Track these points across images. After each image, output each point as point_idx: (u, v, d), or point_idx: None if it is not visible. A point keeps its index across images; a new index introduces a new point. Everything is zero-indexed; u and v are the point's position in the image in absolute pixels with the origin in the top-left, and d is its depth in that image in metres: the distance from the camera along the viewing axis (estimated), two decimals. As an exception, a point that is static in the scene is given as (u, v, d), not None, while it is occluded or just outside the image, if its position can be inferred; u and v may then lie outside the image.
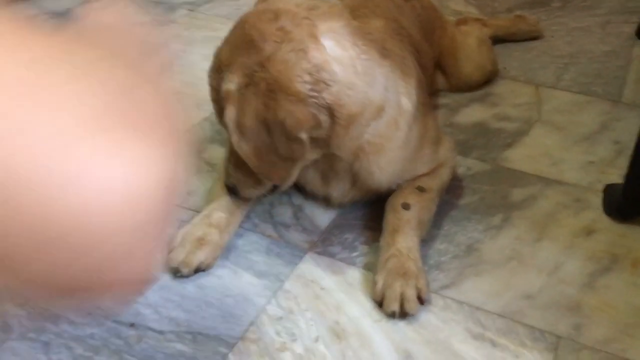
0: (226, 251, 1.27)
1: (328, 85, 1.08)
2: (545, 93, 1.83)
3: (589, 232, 1.33)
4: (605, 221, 1.36)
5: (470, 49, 1.81)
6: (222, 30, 2.15)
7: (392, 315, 1.12)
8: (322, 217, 1.37)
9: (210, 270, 1.22)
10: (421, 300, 1.13)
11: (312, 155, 1.18)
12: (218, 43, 2.07)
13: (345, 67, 1.11)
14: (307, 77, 1.07)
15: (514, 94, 1.83)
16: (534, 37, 2.10)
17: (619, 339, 1.10)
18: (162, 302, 1.16)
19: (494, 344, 1.09)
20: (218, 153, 1.53)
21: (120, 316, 1.13)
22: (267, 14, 1.12)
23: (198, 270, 1.21)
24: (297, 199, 1.40)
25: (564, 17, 2.27)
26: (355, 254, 1.28)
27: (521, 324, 1.13)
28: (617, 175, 1.49)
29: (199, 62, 1.95)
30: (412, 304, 1.12)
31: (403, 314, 1.12)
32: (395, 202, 1.27)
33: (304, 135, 1.09)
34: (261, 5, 1.25)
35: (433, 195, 1.31)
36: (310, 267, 1.24)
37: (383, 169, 1.26)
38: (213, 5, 2.33)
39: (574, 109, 1.76)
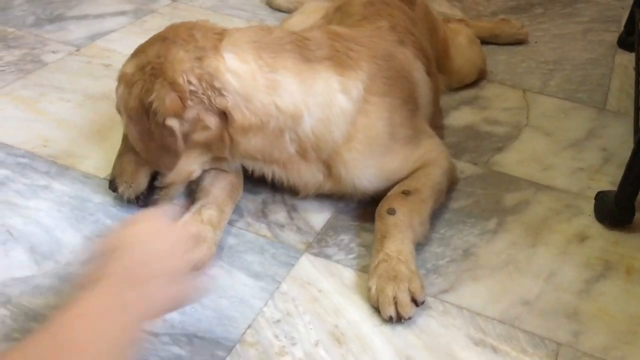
0: (220, 251, 1.23)
1: (221, 94, 1.17)
2: (532, 98, 1.84)
3: (582, 238, 1.34)
4: (597, 227, 1.37)
5: (461, 46, 1.82)
6: (207, 22, 2.11)
7: (389, 320, 1.10)
8: (317, 217, 1.34)
9: (204, 271, 1.18)
10: (416, 303, 1.11)
11: (200, 155, 1.26)
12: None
13: (242, 79, 1.19)
14: (193, 79, 1.15)
15: (502, 97, 1.83)
16: (518, 41, 2.12)
17: (618, 347, 1.10)
18: (155, 303, 1.11)
19: (495, 350, 1.08)
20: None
21: (111, 317, 1.08)
22: (188, 24, 1.24)
23: (194, 269, 1.16)
24: (291, 199, 1.37)
25: (546, 24, 2.30)
26: (351, 256, 1.25)
27: (521, 330, 1.12)
28: (606, 182, 1.50)
29: (185, 54, 1.91)
30: (406, 308, 1.10)
31: (399, 318, 1.10)
32: (381, 208, 1.25)
33: (173, 123, 1.15)
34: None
35: (423, 197, 1.28)
36: (307, 269, 1.21)
37: (349, 168, 1.27)
38: (196, -4, 2.28)
39: (561, 115, 1.77)
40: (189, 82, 1.15)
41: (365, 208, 1.35)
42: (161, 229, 0.90)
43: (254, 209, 1.35)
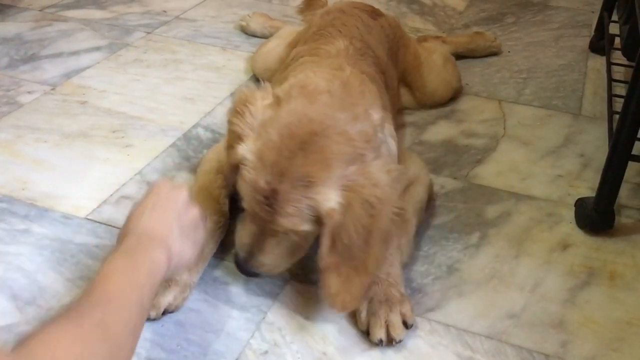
0: (204, 284, 1.22)
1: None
2: (508, 108, 1.86)
3: (564, 246, 1.35)
4: (579, 235, 1.38)
5: (436, 65, 1.82)
6: (182, 53, 2.14)
7: (379, 343, 1.09)
8: (300, 243, 1.33)
9: (189, 306, 1.18)
10: (406, 325, 1.11)
11: None
12: (179, 66, 2.03)
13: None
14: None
15: (478, 109, 1.85)
16: (493, 52, 2.15)
17: (605, 354, 1.11)
18: (141, 343, 1.09)
19: (484, 366, 1.08)
20: (185, 180, 1.49)
21: None
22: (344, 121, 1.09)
23: (166, 312, 1.15)
24: (273, 226, 1.37)
25: (518, 32, 2.33)
26: (336, 280, 1.25)
27: (509, 344, 1.12)
28: (585, 188, 1.52)
29: (161, 86, 1.92)
30: (397, 330, 1.10)
31: (390, 341, 1.09)
32: None
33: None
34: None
35: (408, 216, 1.29)
36: (293, 297, 1.21)
37: None
38: (169, 27, 2.29)
39: (537, 123, 1.79)
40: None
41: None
42: (172, 194, 1.06)
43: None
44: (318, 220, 1.05)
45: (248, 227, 1.14)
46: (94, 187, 1.48)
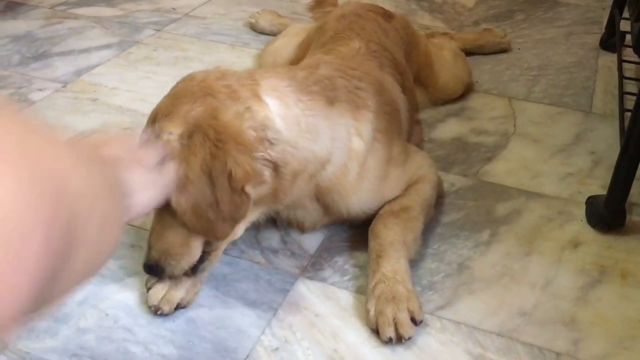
0: (215, 281, 1.23)
1: (272, 143, 1.09)
2: (518, 105, 1.85)
3: (575, 244, 1.34)
4: (590, 233, 1.37)
5: (446, 61, 1.82)
6: (192, 51, 2.14)
7: (389, 342, 1.09)
8: (310, 240, 1.34)
9: (200, 302, 1.18)
10: (415, 322, 1.11)
11: (253, 214, 1.14)
12: (189, 63, 2.04)
13: (289, 125, 1.12)
14: (253, 133, 1.06)
15: (489, 107, 1.84)
16: (502, 49, 2.14)
17: (617, 353, 1.10)
18: (152, 339, 1.11)
19: (494, 364, 1.08)
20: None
21: (109, 356, 1.08)
22: (214, 73, 1.14)
23: (178, 307, 1.15)
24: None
25: (528, 30, 2.32)
26: (346, 277, 1.25)
27: (520, 342, 1.12)
28: (596, 186, 1.51)
29: (171, 84, 1.91)
30: (406, 328, 1.09)
31: (399, 339, 1.09)
32: (375, 228, 1.25)
33: (250, 190, 1.06)
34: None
35: (415, 214, 1.29)
36: (303, 293, 1.21)
37: (348, 204, 1.26)
38: (178, 24, 2.30)
39: (548, 121, 1.78)
40: (252, 138, 1.06)
41: (357, 228, 1.35)
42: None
43: (247, 235, 1.35)
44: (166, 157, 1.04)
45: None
46: (105, 184, 1.48)
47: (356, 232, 1.35)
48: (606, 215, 1.35)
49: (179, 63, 2.04)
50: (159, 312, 1.14)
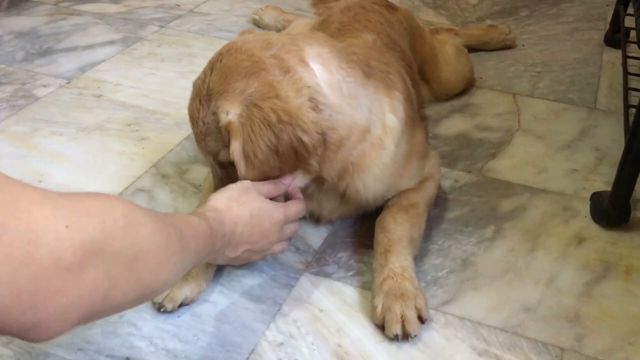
0: (219, 276, 1.23)
1: (321, 109, 1.09)
2: (522, 102, 1.85)
3: (580, 240, 1.34)
4: (594, 229, 1.37)
5: (448, 56, 1.82)
6: (196, 47, 2.14)
7: (394, 338, 1.10)
8: (314, 236, 1.34)
9: (205, 297, 1.18)
10: (422, 320, 1.12)
11: (302, 181, 1.17)
12: (193, 60, 2.04)
13: (333, 90, 1.12)
14: (308, 104, 1.07)
15: (493, 103, 1.84)
16: (507, 46, 2.13)
17: (622, 349, 1.10)
18: (157, 333, 1.11)
19: (499, 359, 1.08)
20: (202, 174, 1.49)
21: (114, 350, 1.08)
22: (258, 42, 1.12)
23: (182, 304, 1.16)
24: (287, 219, 1.37)
25: (532, 26, 2.31)
26: (351, 272, 1.25)
27: (524, 337, 1.12)
28: (601, 182, 1.51)
29: (176, 80, 1.93)
30: (413, 325, 1.10)
31: (405, 336, 1.09)
32: (384, 221, 1.25)
33: (313, 162, 1.11)
34: (245, 36, 1.22)
35: (421, 211, 1.29)
36: (307, 289, 1.21)
37: (369, 187, 1.24)
38: (182, 21, 2.30)
39: (552, 117, 1.78)
40: (308, 110, 1.07)
41: (361, 224, 1.35)
42: (266, 211, 1.08)
43: (252, 231, 1.35)
44: (224, 136, 1.08)
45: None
46: (110, 180, 1.49)
47: (360, 228, 1.35)
48: (611, 211, 1.35)
49: (183, 59, 2.04)
50: (162, 310, 1.14)
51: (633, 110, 1.32)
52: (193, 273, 1.16)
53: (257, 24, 2.25)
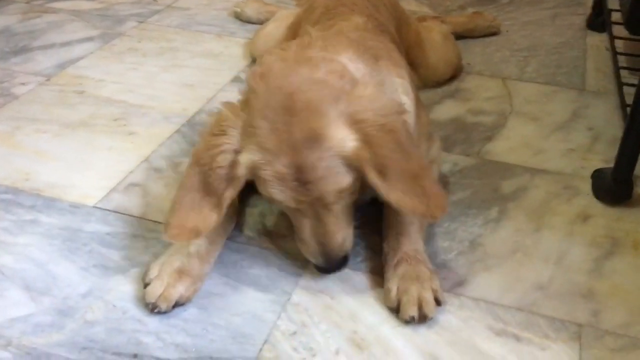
0: (224, 268, 1.19)
1: None
2: (512, 85, 1.84)
3: (584, 218, 1.33)
4: (598, 206, 1.36)
5: (436, 43, 1.80)
6: (178, 41, 2.09)
7: (410, 321, 1.07)
8: (318, 224, 1.30)
9: (211, 290, 1.14)
10: (438, 302, 1.09)
11: None
12: (176, 54, 1.99)
13: (370, 81, 1.11)
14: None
15: (483, 88, 1.83)
16: (492, 32, 2.13)
17: (638, 322, 1.09)
18: (165, 328, 1.07)
19: (517, 338, 1.06)
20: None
21: (120, 347, 1.03)
22: (304, 69, 1.06)
23: (177, 305, 1.10)
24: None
25: (514, 12, 2.31)
26: (359, 259, 1.22)
27: (540, 315, 1.11)
28: (598, 160, 1.51)
29: (160, 74, 1.87)
30: (431, 307, 1.07)
31: (422, 318, 1.07)
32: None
33: None
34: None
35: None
36: (315, 277, 1.18)
37: None
38: (162, 16, 2.24)
39: (543, 99, 1.78)
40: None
41: (364, 210, 1.32)
42: None
43: (253, 222, 1.32)
44: (351, 165, 1.03)
45: (306, 227, 1.10)
46: (100, 176, 1.43)
47: (363, 215, 1.32)
48: (613, 187, 1.34)
49: (165, 53, 1.99)
50: (155, 310, 1.09)
51: (627, 88, 1.31)
52: (187, 269, 1.12)
53: (239, 16, 2.21)
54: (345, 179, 1.04)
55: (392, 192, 1.03)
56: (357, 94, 1.04)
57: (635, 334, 1.07)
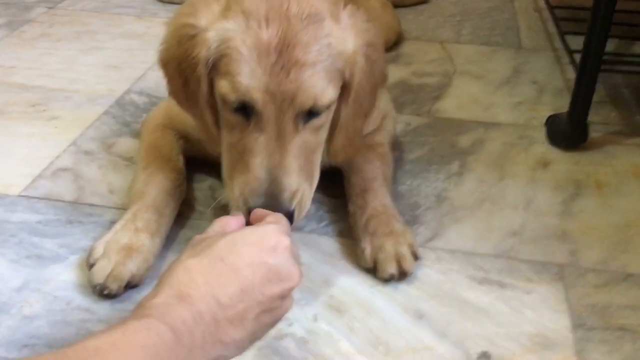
0: (177, 245, 1.07)
1: None
2: (451, 48, 1.82)
3: (544, 164, 1.31)
4: (555, 152, 1.35)
5: (375, 11, 1.74)
6: (94, 24, 1.94)
7: (390, 279, 0.99)
8: (274, 192, 1.21)
9: (164, 267, 1.02)
10: (415, 257, 1.02)
11: None
12: (94, 36, 1.84)
13: None
14: None
15: (423, 51, 1.80)
16: (422, 1, 2.11)
17: (616, 257, 1.07)
18: (117, 314, 0.93)
19: (501, 285, 1.01)
20: (131, 146, 1.32)
21: (68, 341, 0.89)
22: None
23: (129, 285, 0.97)
24: (240, 179, 1.23)
25: (440, -18, 2.30)
26: (323, 223, 1.14)
27: (519, 260, 1.06)
28: (547, 110, 1.49)
29: (79, 57, 1.72)
30: (409, 262, 1.00)
31: (402, 275, 0.99)
32: (354, 162, 1.14)
33: None
34: None
35: (387, 150, 1.22)
36: (280, 245, 1.08)
37: None
38: (73, 1, 2.08)
39: (484, 59, 1.76)
40: None
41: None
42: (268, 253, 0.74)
43: (203, 196, 1.20)
44: (342, 71, 0.93)
45: (258, 147, 0.90)
46: (23, 163, 1.28)
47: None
48: (569, 131, 1.33)
49: (82, 37, 1.83)
50: (105, 292, 0.95)
51: (567, 36, 1.30)
52: (137, 245, 0.99)
53: (160, -2, 2.07)
54: (330, 88, 0.91)
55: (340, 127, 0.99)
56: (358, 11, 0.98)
57: (615, 268, 1.05)
